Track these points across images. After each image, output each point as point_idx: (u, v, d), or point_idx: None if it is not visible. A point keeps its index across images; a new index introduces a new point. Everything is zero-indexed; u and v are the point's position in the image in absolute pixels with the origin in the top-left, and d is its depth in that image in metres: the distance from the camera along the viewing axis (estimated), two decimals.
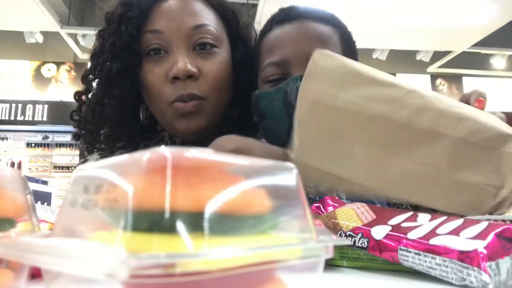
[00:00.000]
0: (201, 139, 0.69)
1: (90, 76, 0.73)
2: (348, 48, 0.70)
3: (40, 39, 4.63)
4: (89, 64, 0.75)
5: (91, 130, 0.72)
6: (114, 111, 0.70)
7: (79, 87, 0.77)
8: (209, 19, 0.70)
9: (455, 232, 0.35)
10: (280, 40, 0.67)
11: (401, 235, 0.37)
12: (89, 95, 0.73)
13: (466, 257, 0.31)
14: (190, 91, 0.66)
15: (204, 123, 0.69)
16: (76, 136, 0.75)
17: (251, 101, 0.71)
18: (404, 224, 0.39)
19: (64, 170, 5.16)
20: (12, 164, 5.03)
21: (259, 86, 0.70)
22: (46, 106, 5.06)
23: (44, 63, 5.32)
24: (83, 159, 0.81)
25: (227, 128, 0.79)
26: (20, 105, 5.05)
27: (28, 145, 5.24)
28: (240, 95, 0.75)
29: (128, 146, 0.74)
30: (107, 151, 0.74)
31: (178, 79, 0.66)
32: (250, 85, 0.74)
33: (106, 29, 0.71)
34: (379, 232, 0.39)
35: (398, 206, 0.65)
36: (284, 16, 0.69)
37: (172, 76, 0.66)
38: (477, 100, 0.52)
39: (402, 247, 0.36)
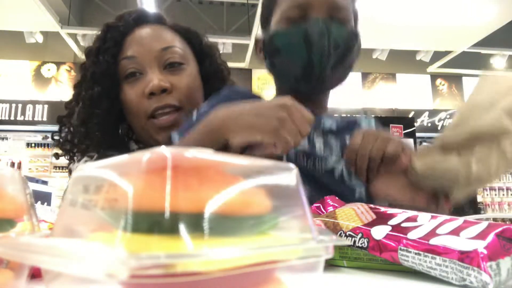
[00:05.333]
0: None
1: (73, 103, 0.85)
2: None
3: (40, 39, 4.63)
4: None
5: (68, 149, 0.84)
6: (96, 128, 0.81)
7: None
8: (174, 42, 0.85)
9: (455, 232, 0.35)
10: None
11: (401, 235, 0.37)
12: (72, 120, 0.84)
13: (466, 257, 0.31)
14: (165, 102, 0.78)
15: None
16: (56, 156, 0.87)
17: (263, 43, 0.75)
18: (404, 224, 0.39)
19: (64, 170, 5.15)
20: (12, 164, 5.03)
21: (274, 26, 0.72)
22: (46, 106, 5.07)
23: (44, 63, 5.32)
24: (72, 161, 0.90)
25: None
26: (20, 105, 5.06)
27: (28, 145, 5.23)
28: None
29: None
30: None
31: (154, 94, 0.78)
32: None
33: (86, 62, 0.84)
34: (379, 232, 0.39)
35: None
36: None
37: (148, 92, 0.77)
38: None
39: (402, 247, 0.36)
